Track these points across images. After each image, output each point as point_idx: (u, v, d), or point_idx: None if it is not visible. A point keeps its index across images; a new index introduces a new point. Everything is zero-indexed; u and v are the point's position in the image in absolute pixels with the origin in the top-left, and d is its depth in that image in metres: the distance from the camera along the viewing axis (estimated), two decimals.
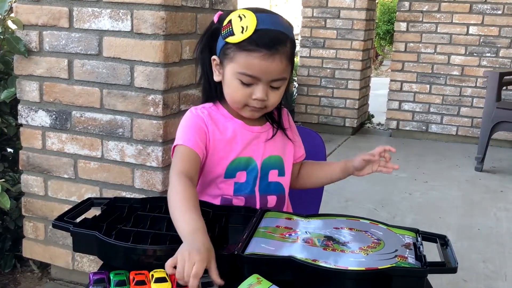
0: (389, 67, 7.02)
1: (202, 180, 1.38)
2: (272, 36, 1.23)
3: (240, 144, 1.35)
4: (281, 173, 1.41)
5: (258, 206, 1.37)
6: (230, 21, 1.25)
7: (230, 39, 1.24)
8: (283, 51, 1.24)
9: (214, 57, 1.33)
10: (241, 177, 1.36)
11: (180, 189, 1.16)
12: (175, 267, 0.96)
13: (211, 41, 1.34)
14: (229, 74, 1.28)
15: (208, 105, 1.38)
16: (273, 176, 1.40)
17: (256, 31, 1.22)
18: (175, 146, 1.31)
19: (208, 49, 1.35)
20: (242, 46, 1.23)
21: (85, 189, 2.10)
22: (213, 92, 1.38)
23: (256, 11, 1.26)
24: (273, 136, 1.39)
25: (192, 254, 0.96)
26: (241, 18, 1.24)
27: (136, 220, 1.22)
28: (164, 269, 1.02)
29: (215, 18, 1.33)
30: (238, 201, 1.36)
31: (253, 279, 0.99)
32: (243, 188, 1.36)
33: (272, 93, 1.28)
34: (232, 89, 1.29)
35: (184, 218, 1.08)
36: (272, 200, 1.40)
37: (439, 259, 1.09)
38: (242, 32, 1.22)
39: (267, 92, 1.27)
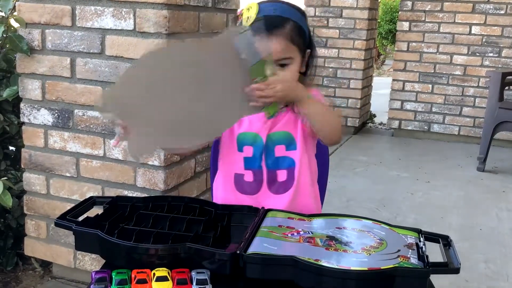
0: (391, 67, 7.00)
1: (220, 159, 1.47)
2: (269, 22, 1.33)
3: (247, 120, 1.42)
4: (291, 147, 1.43)
5: (265, 181, 1.42)
6: (241, 13, 1.38)
7: None
8: (280, 33, 1.33)
9: None
10: (248, 151, 1.42)
11: None
12: None
13: None
14: None
15: None
16: (280, 151, 1.43)
17: (256, 19, 1.33)
18: None
19: None
20: None
21: (87, 187, 2.10)
22: None
23: (261, 2, 1.39)
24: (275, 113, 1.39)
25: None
26: (248, 10, 1.36)
27: (138, 219, 1.22)
28: (166, 268, 1.02)
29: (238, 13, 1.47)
30: (248, 176, 1.42)
31: None
32: (251, 162, 1.42)
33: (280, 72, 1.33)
34: None
35: None
36: (281, 174, 1.43)
37: (441, 259, 1.09)
38: (246, 21, 1.34)
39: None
